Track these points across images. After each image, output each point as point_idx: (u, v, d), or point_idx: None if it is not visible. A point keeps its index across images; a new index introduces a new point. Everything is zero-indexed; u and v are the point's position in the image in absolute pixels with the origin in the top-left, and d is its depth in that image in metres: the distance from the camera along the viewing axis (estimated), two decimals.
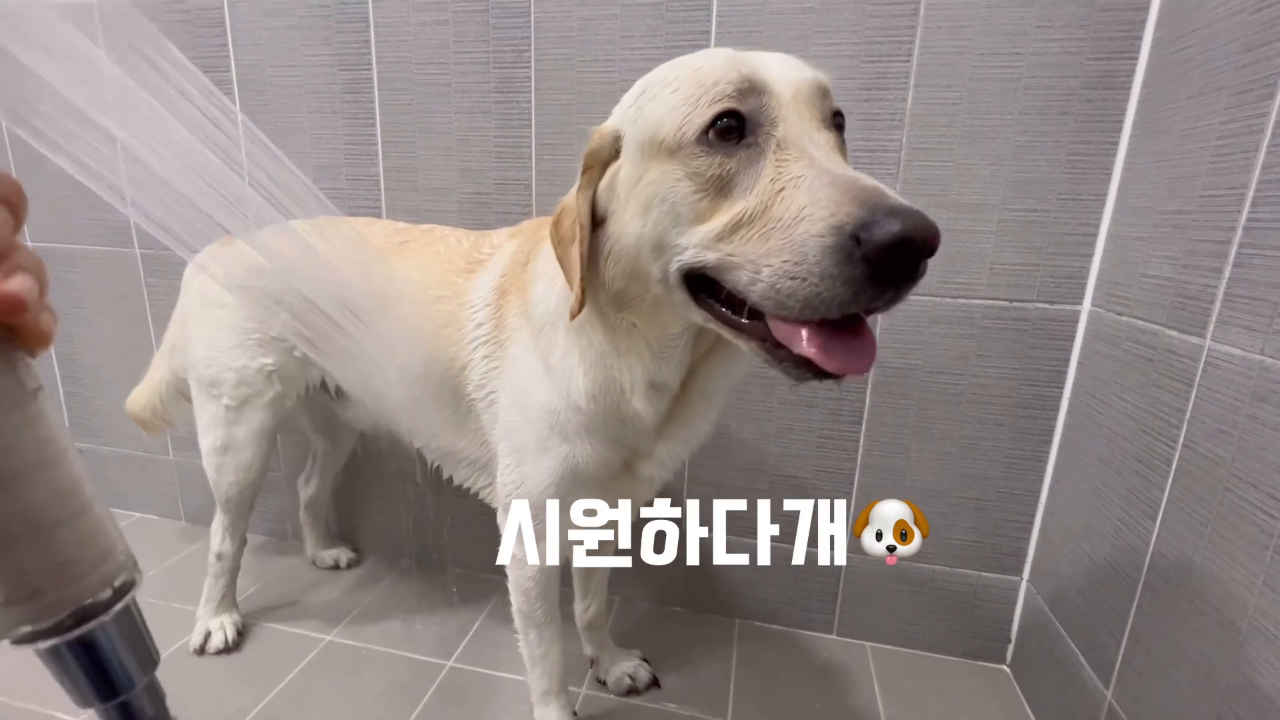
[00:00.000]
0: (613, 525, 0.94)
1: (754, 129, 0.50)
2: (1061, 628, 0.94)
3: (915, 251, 0.42)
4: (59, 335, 1.46)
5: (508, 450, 0.77)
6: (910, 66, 0.92)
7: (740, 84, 0.50)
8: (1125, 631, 0.79)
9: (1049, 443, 1.01)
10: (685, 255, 0.52)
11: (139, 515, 1.53)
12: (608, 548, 1.01)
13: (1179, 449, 0.72)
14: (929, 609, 1.13)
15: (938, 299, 0.99)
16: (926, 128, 0.94)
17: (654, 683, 1.04)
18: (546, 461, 0.72)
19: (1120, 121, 0.88)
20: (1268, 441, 0.60)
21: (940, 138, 0.94)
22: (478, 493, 0.89)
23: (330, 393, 1.04)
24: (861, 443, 1.08)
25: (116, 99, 0.43)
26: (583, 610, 1.03)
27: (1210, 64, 0.72)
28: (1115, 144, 0.89)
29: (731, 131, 0.50)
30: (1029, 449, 1.02)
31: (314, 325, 0.66)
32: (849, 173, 0.47)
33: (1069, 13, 0.86)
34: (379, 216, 1.17)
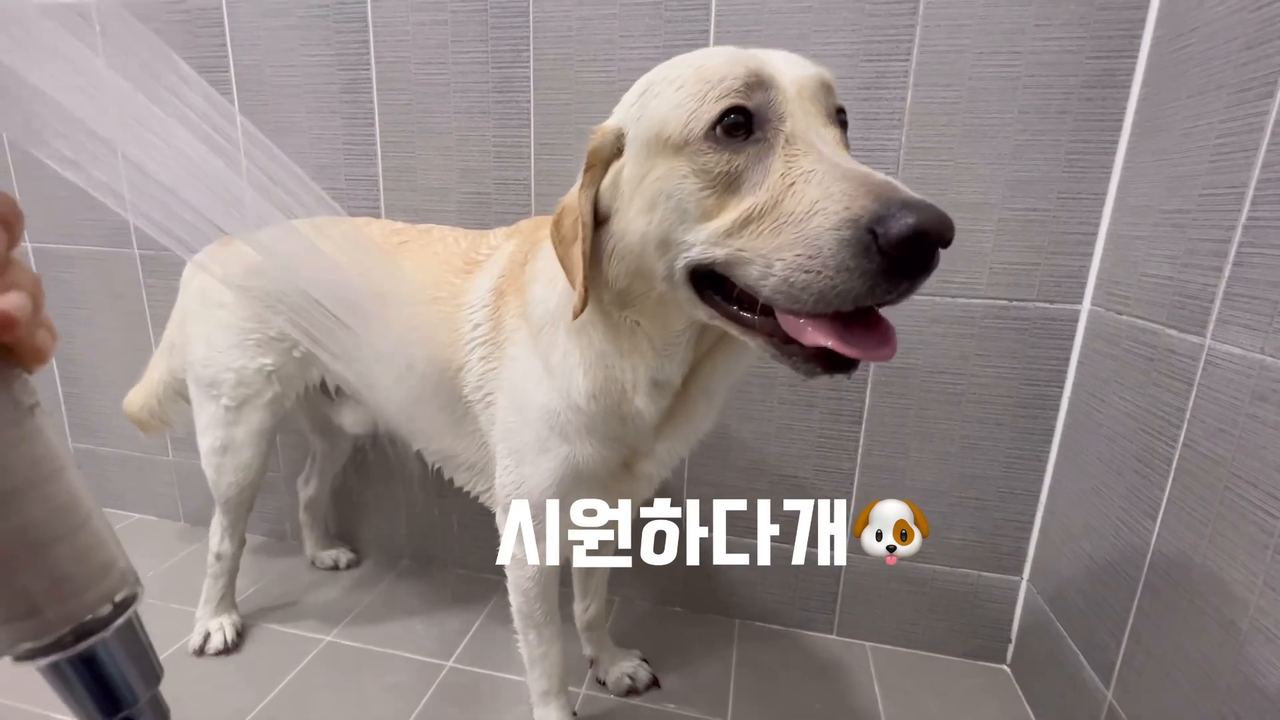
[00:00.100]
0: (612, 525, 0.94)
1: (762, 124, 0.50)
2: (1062, 627, 0.94)
3: (931, 244, 0.42)
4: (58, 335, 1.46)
5: (506, 451, 0.77)
6: (909, 65, 0.92)
7: (747, 79, 0.50)
8: (1126, 631, 0.79)
9: (1049, 442, 1.01)
10: (693, 252, 0.52)
11: (138, 516, 1.53)
12: (607, 547, 1.01)
13: (1179, 448, 0.72)
14: (929, 609, 1.12)
15: (937, 298, 0.99)
16: (925, 127, 0.94)
17: (654, 683, 1.04)
18: (546, 462, 0.72)
19: (1120, 120, 0.88)
20: (1268, 440, 0.60)
21: (939, 137, 0.94)
22: (478, 496, 0.89)
23: (329, 395, 1.04)
24: (861, 442, 1.08)
25: (114, 103, 0.43)
26: (582, 610, 1.03)
27: (1210, 62, 0.72)
28: (1115, 143, 0.89)
29: (739, 127, 0.49)
30: (1029, 448, 1.02)
31: (315, 324, 0.66)
32: (859, 167, 0.47)
33: (1068, 11, 0.86)
34: (378, 216, 1.17)
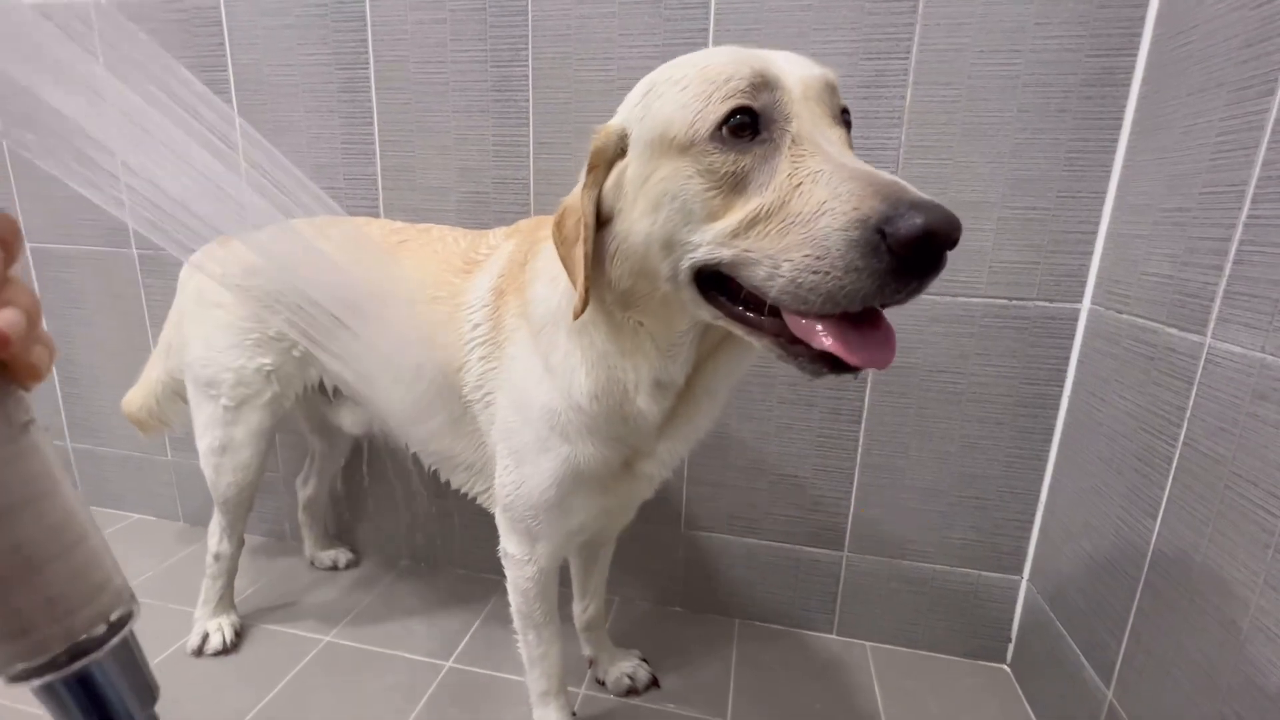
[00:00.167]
0: (612, 524, 0.94)
1: (768, 125, 0.50)
2: (1062, 627, 0.94)
3: (940, 244, 0.42)
4: (57, 335, 1.45)
5: (506, 451, 0.77)
6: (909, 64, 0.92)
7: (753, 80, 0.50)
8: (1126, 630, 0.79)
9: (1049, 441, 1.01)
10: (698, 253, 0.52)
11: (136, 516, 1.53)
12: (607, 547, 1.01)
13: (1179, 447, 0.72)
14: (929, 608, 1.12)
15: (937, 297, 0.99)
16: (925, 125, 0.94)
17: (653, 683, 1.03)
18: (546, 462, 0.72)
19: (1120, 119, 0.88)
20: (1268, 439, 0.60)
21: (939, 135, 0.93)
22: (475, 497, 0.89)
23: (327, 396, 1.04)
24: (861, 442, 1.08)
25: (113, 106, 0.43)
26: (581, 610, 1.03)
27: (1210, 60, 0.72)
28: (1115, 141, 0.89)
29: (744, 128, 0.49)
30: (1029, 448, 1.02)
31: (314, 323, 0.66)
32: (866, 167, 0.47)
33: (1068, 9, 0.86)
34: (377, 216, 1.17)
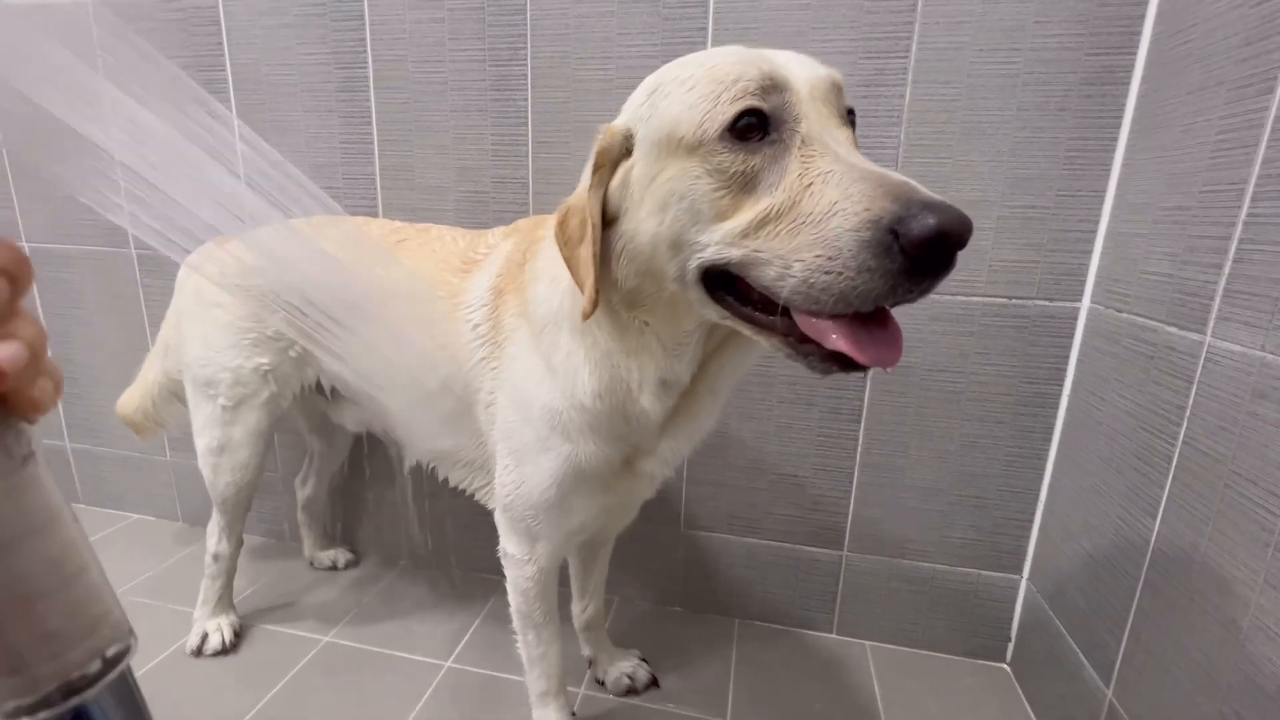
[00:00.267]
0: (613, 524, 0.94)
1: (777, 126, 0.50)
2: (1062, 626, 0.94)
3: (952, 244, 0.43)
4: (56, 334, 1.45)
5: (506, 451, 0.77)
6: (908, 63, 0.92)
7: (762, 82, 0.50)
8: (1126, 630, 0.79)
9: (1049, 440, 1.01)
10: (706, 253, 0.52)
11: (136, 517, 1.53)
12: (606, 547, 1.01)
13: (1179, 446, 0.72)
14: (929, 608, 1.12)
15: (937, 297, 0.99)
16: (925, 124, 0.94)
17: (653, 683, 1.03)
18: (547, 461, 0.72)
19: (1119, 117, 0.88)
20: (1268, 438, 0.60)
21: (938, 134, 0.93)
22: (473, 494, 0.89)
23: (325, 394, 1.04)
24: (861, 441, 1.08)
25: (111, 110, 0.43)
26: (580, 610, 1.03)
27: (1210, 59, 0.72)
28: (1114, 140, 0.89)
29: (753, 129, 0.50)
30: (1029, 447, 1.02)
31: (313, 323, 0.66)
32: (876, 168, 0.47)
33: (1067, 8, 0.86)
34: (375, 215, 1.17)
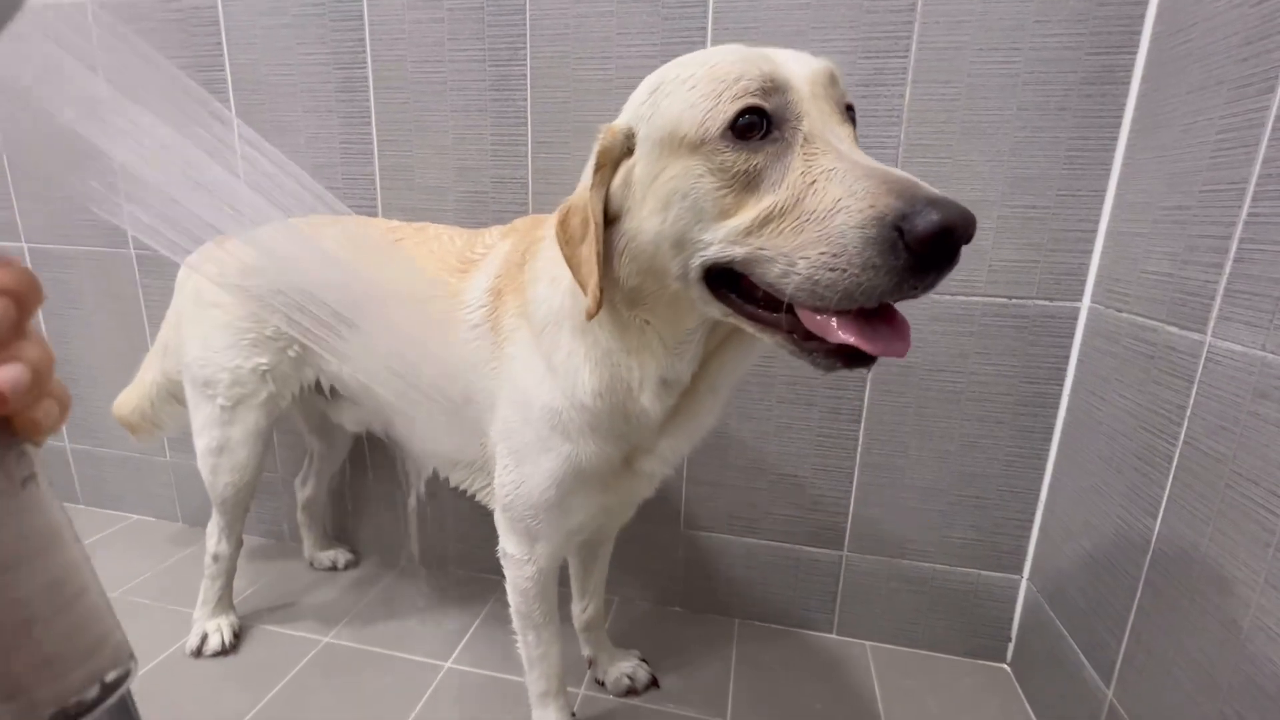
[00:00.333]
0: (612, 523, 0.94)
1: (780, 124, 0.50)
2: (1062, 626, 0.94)
3: (957, 240, 0.43)
4: (55, 335, 1.45)
5: (506, 451, 0.77)
6: (908, 62, 0.92)
7: (764, 81, 0.50)
8: (1126, 630, 0.79)
9: (1049, 440, 1.01)
10: (709, 251, 0.52)
11: (135, 517, 1.53)
12: (606, 546, 1.01)
13: (1179, 446, 0.72)
14: (929, 608, 1.12)
15: (936, 296, 0.98)
16: (924, 124, 0.93)
17: (653, 683, 1.03)
18: (547, 461, 0.72)
19: (1119, 117, 0.88)
20: (1269, 438, 0.60)
21: (938, 134, 0.93)
22: (474, 494, 0.89)
23: (324, 394, 1.04)
24: (860, 441, 1.07)
25: (110, 111, 0.43)
26: (580, 611, 1.03)
27: (1210, 58, 0.72)
28: (1114, 139, 0.88)
29: (755, 127, 0.50)
30: (1029, 447, 1.02)
31: (315, 321, 0.66)
32: (879, 165, 0.47)
33: (1067, 7, 0.86)
34: (375, 215, 1.17)
